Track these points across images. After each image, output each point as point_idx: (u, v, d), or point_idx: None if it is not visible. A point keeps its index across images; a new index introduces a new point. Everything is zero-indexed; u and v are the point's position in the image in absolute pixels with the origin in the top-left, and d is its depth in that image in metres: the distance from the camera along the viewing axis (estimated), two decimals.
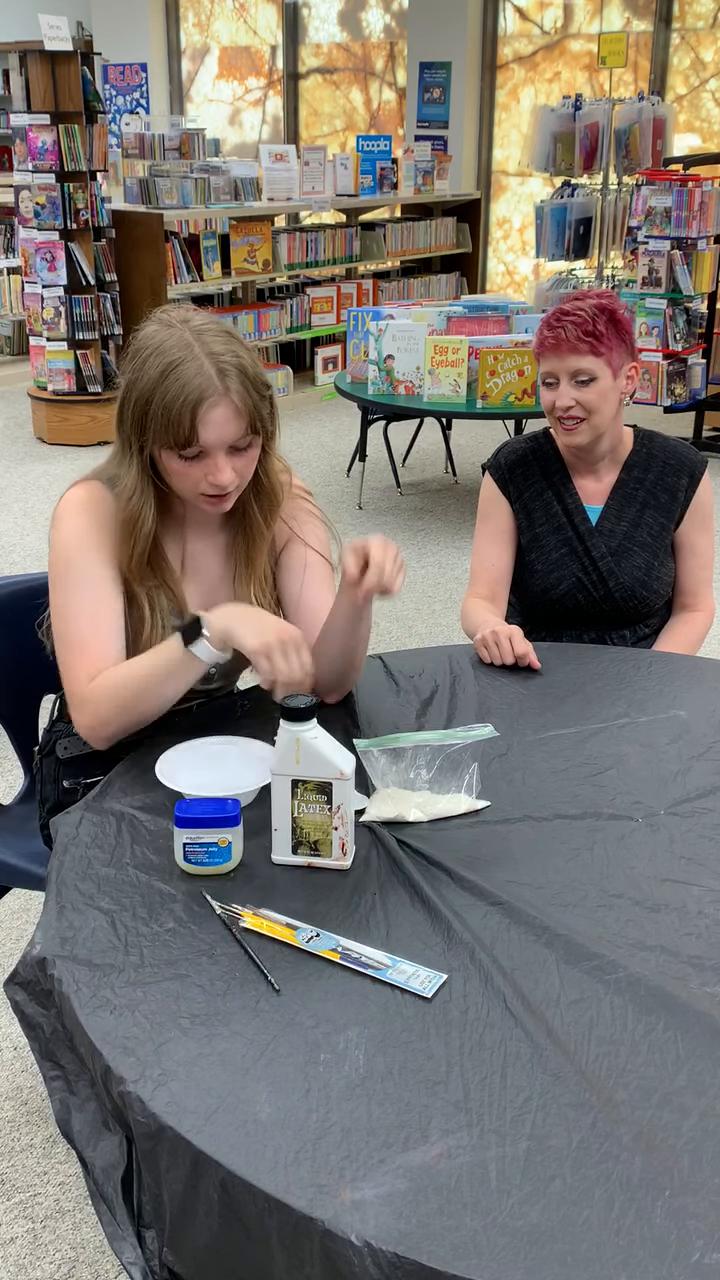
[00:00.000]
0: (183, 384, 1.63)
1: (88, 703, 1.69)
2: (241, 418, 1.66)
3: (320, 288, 7.76)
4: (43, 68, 6.14)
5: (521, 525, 2.41)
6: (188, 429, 1.64)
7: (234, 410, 1.65)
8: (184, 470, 1.69)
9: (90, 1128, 1.22)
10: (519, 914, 1.36)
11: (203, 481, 1.70)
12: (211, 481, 1.69)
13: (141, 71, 10.19)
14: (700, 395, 6.30)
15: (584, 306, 2.25)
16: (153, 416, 1.65)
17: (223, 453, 1.68)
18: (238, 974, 1.27)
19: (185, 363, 1.64)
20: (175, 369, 1.64)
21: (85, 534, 1.74)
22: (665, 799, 1.62)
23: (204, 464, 1.68)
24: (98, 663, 1.70)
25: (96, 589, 1.73)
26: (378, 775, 1.62)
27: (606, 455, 2.39)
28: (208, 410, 1.64)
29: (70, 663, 1.72)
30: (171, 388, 1.63)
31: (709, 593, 2.45)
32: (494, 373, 4.89)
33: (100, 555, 1.74)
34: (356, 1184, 1.01)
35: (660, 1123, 1.08)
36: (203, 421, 1.64)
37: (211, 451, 1.67)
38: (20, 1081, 2.26)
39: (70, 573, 1.73)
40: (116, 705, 1.67)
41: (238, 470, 1.71)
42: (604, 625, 2.39)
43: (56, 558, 1.75)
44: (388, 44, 9.39)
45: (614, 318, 2.25)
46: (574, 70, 8.57)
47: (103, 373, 6.59)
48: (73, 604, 1.73)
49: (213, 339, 1.67)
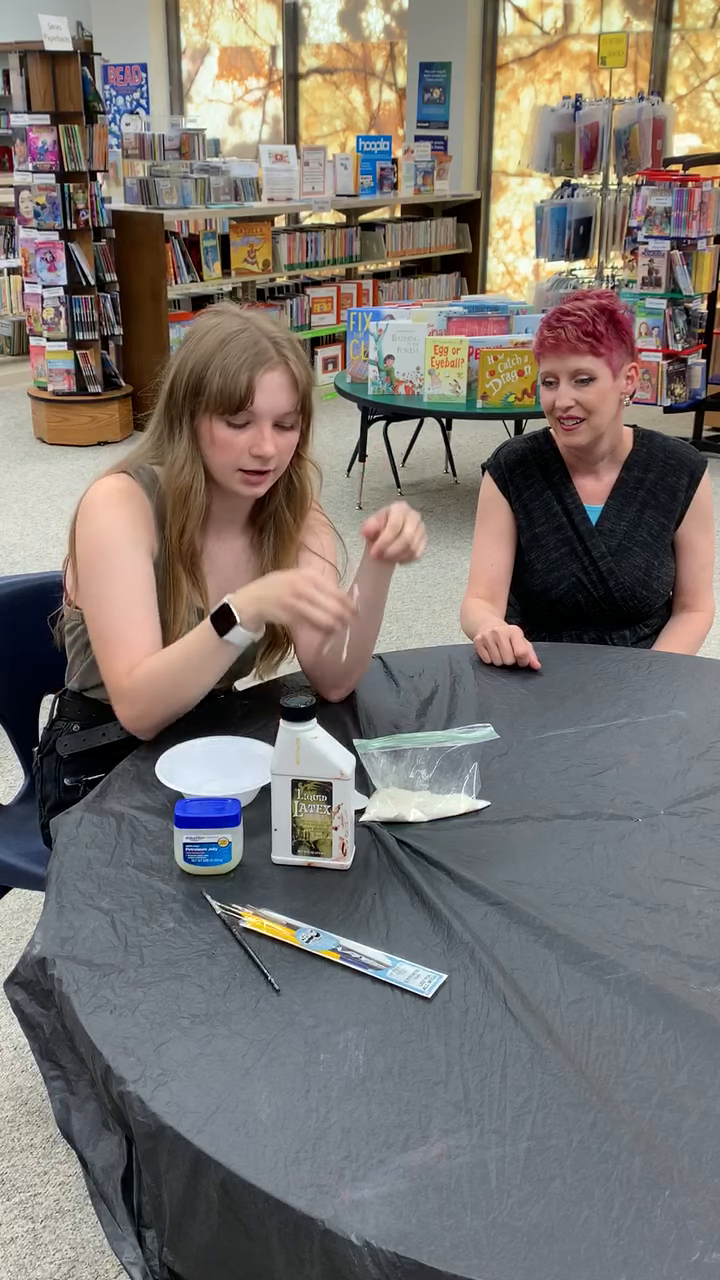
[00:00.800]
0: (243, 347, 1.69)
1: (127, 696, 1.70)
2: (295, 390, 1.72)
3: (320, 288, 7.76)
4: (43, 68, 6.14)
5: (521, 525, 2.41)
6: (244, 390, 1.68)
7: (290, 379, 1.71)
8: (229, 440, 1.71)
9: (90, 1128, 1.22)
10: (519, 914, 1.36)
11: (245, 455, 1.72)
12: (255, 453, 1.71)
13: (141, 72, 10.19)
14: (700, 395, 6.30)
15: (584, 307, 2.25)
16: (209, 380, 1.69)
17: (269, 423, 1.71)
18: (238, 974, 1.27)
19: (244, 333, 1.70)
20: (235, 337, 1.70)
21: (120, 524, 1.74)
22: (665, 799, 1.62)
23: (250, 434, 1.71)
24: (135, 655, 1.71)
25: (132, 580, 1.73)
26: (378, 775, 1.62)
27: (606, 455, 2.39)
28: (265, 373, 1.69)
29: (108, 656, 1.72)
30: (232, 352, 1.69)
31: (709, 593, 2.45)
32: (494, 373, 4.90)
33: (136, 546, 1.74)
34: (356, 1184, 1.01)
35: (660, 1123, 1.08)
36: (260, 385, 1.68)
37: (260, 419, 1.70)
38: (20, 1081, 2.26)
39: (106, 563, 1.73)
40: (154, 697, 1.68)
41: (279, 449, 1.73)
42: (604, 625, 2.39)
43: (90, 549, 1.74)
44: (388, 44, 9.39)
45: (614, 318, 2.25)
46: (574, 70, 8.57)
47: (103, 373, 6.59)
48: (109, 596, 1.73)
49: (264, 321, 1.74)
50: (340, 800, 1.43)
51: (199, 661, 1.67)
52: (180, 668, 1.67)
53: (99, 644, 1.74)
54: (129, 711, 1.71)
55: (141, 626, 1.72)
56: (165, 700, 1.68)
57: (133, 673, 1.69)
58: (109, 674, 1.72)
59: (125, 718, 1.72)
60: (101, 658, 1.73)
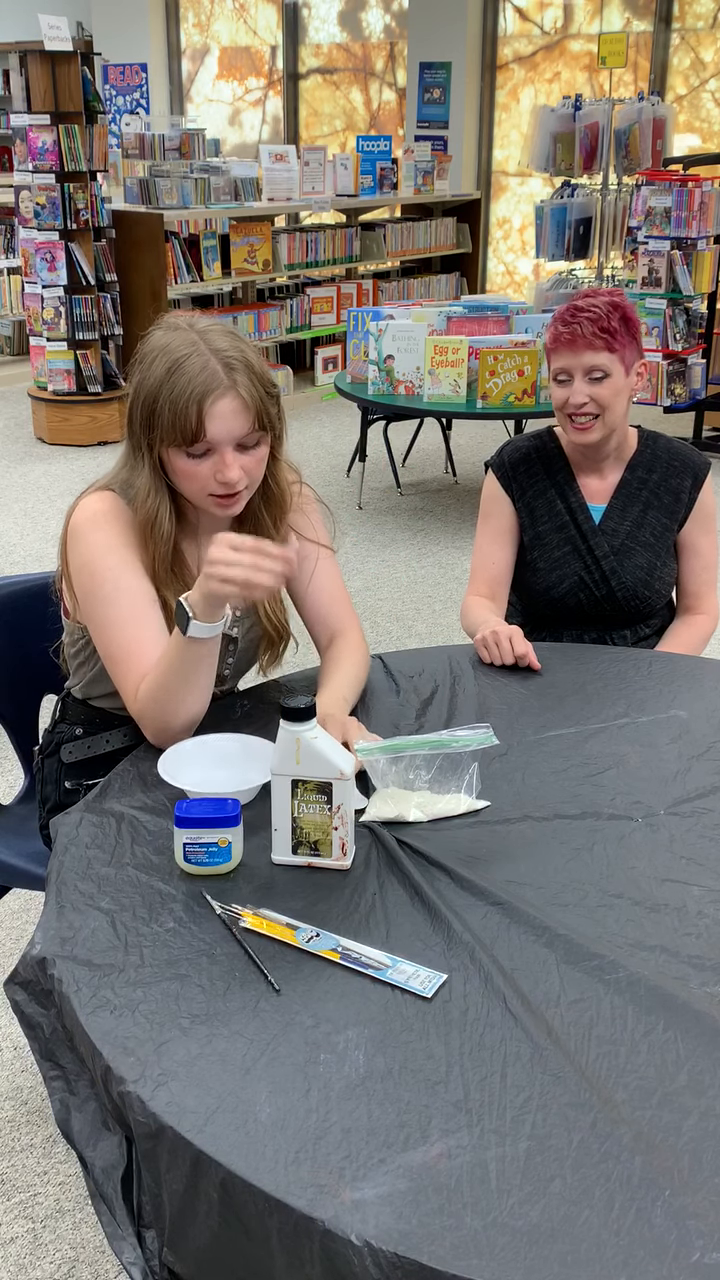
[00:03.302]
0: (189, 379, 1.63)
1: (139, 717, 1.70)
2: (249, 411, 1.66)
3: (320, 288, 7.76)
4: (43, 68, 6.14)
5: (524, 523, 2.41)
6: (194, 423, 1.63)
7: (241, 404, 1.65)
8: (192, 470, 1.68)
9: (90, 1128, 1.22)
10: (519, 914, 1.36)
11: (211, 481, 1.69)
12: (220, 479, 1.68)
13: (141, 72, 10.19)
14: (700, 395, 6.30)
15: (598, 303, 2.25)
16: (159, 414, 1.65)
17: (230, 448, 1.67)
18: (238, 974, 1.27)
19: (191, 358, 1.64)
20: (181, 365, 1.64)
21: (110, 543, 1.72)
22: (665, 799, 1.62)
23: (211, 461, 1.68)
24: (142, 672, 1.70)
25: (131, 598, 1.72)
26: (378, 775, 1.62)
27: (613, 453, 2.39)
28: (214, 403, 1.63)
29: (120, 677, 1.72)
30: (178, 383, 1.63)
31: (713, 595, 2.45)
32: (494, 373, 4.89)
33: (129, 564, 1.72)
34: (356, 1184, 1.01)
35: (660, 1123, 1.08)
36: (209, 415, 1.64)
37: (219, 447, 1.66)
38: (20, 1081, 2.26)
39: (103, 586, 1.72)
40: (159, 712, 1.68)
41: (246, 469, 1.70)
42: (605, 625, 2.39)
43: (83, 573, 1.73)
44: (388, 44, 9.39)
45: (626, 315, 2.26)
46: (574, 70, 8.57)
47: (103, 373, 6.59)
48: (110, 617, 1.72)
49: (217, 337, 1.68)
50: (340, 800, 1.43)
51: (181, 666, 1.64)
52: (169, 679, 1.65)
53: (110, 665, 1.74)
54: (148, 731, 1.71)
55: (144, 643, 1.71)
56: (170, 712, 1.67)
57: (138, 694, 1.69)
58: (124, 697, 1.73)
59: (149, 736, 1.73)
60: (115, 676, 1.73)
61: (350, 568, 4.94)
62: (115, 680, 1.73)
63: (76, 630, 1.87)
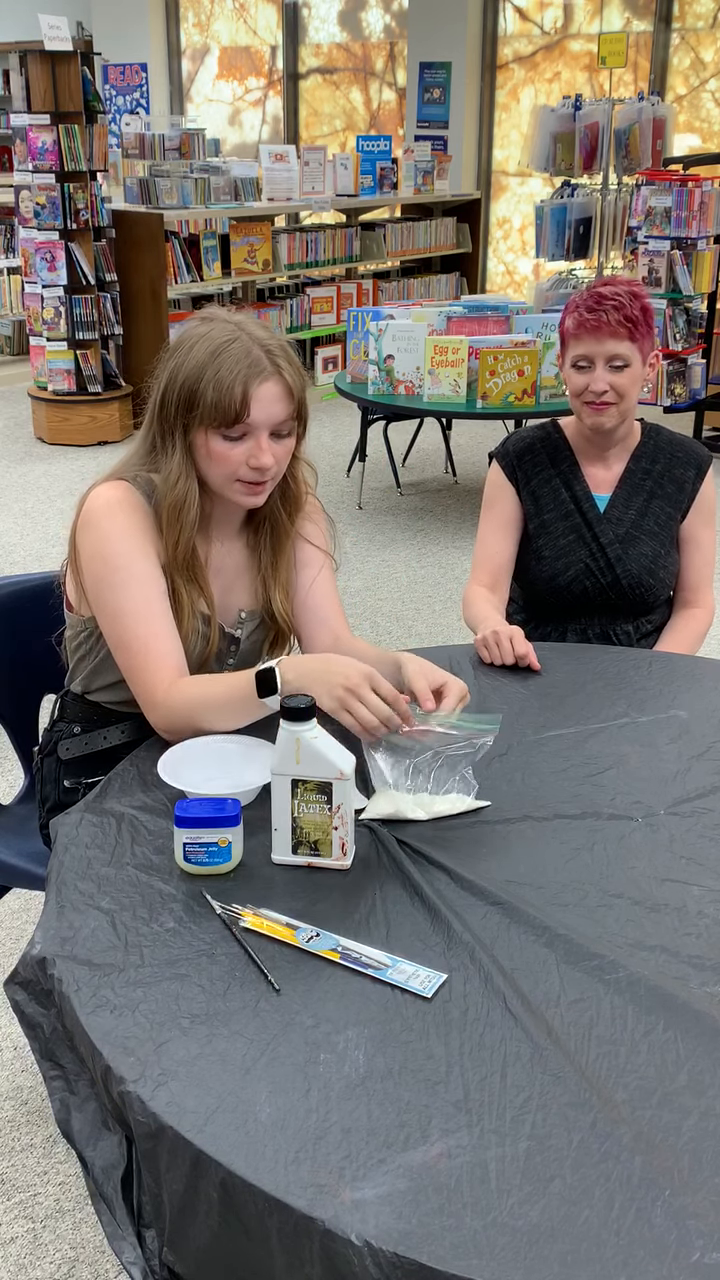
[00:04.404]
0: (235, 360, 1.67)
1: (162, 708, 1.70)
2: (290, 399, 1.70)
3: (320, 288, 7.76)
4: (43, 68, 6.14)
5: (529, 512, 2.42)
6: (239, 404, 1.66)
7: (285, 389, 1.69)
8: (225, 453, 1.70)
9: (90, 1127, 1.22)
10: (519, 914, 1.36)
11: (243, 466, 1.71)
12: (253, 464, 1.70)
13: (141, 71, 10.19)
14: (700, 395, 6.30)
15: (620, 291, 2.26)
16: (201, 394, 1.67)
17: (266, 433, 1.70)
18: (238, 974, 1.27)
19: (235, 343, 1.68)
20: (226, 348, 1.68)
21: (125, 534, 1.73)
22: (665, 799, 1.62)
23: (246, 446, 1.70)
24: (164, 663, 1.71)
25: (146, 587, 1.72)
26: (378, 775, 1.62)
27: (620, 442, 2.41)
28: (260, 384, 1.67)
29: (137, 668, 1.72)
30: (224, 364, 1.67)
31: (710, 589, 2.46)
32: (494, 373, 4.89)
33: (144, 555, 1.73)
34: (356, 1184, 1.01)
35: (660, 1123, 1.08)
36: (254, 397, 1.67)
37: (256, 431, 1.69)
38: (20, 1081, 2.26)
39: (117, 574, 1.72)
40: (188, 720, 1.68)
41: (277, 458, 1.72)
42: (609, 615, 2.40)
43: (96, 560, 1.73)
44: (388, 44, 9.39)
45: (645, 305, 2.28)
46: (574, 70, 8.57)
47: (103, 373, 6.59)
48: (126, 607, 1.72)
49: (256, 328, 1.72)
50: (340, 800, 1.43)
51: (235, 706, 1.65)
52: (218, 705, 1.66)
53: (123, 655, 1.73)
54: (162, 725, 1.71)
55: (164, 636, 1.72)
56: (197, 725, 1.69)
57: (170, 691, 1.69)
58: (140, 685, 1.72)
59: (155, 725, 1.73)
60: (129, 668, 1.73)
61: (350, 568, 4.93)
62: (127, 670, 1.73)
63: (79, 624, 1.87)
